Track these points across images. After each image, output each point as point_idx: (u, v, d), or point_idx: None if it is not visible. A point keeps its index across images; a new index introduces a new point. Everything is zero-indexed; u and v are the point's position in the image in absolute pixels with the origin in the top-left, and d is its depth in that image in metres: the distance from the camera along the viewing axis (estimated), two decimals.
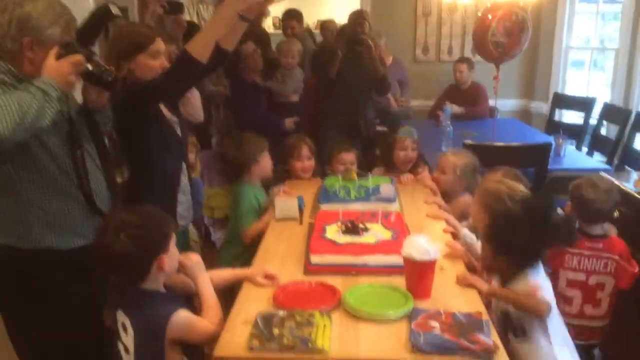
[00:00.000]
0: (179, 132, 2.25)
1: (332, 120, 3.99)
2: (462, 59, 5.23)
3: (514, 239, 1.69)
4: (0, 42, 1.66)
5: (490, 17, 3.52)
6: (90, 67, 1.70)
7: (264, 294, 1.69)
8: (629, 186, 2.64)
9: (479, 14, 3.80)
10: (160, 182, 2.13)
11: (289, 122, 3.79)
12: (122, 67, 2.04)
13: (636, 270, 2.30)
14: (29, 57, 1.69)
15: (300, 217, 2.33)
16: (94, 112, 1.89)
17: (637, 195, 2.54)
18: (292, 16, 4.78)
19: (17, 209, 1.74)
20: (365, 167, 3.90)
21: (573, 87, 5.72)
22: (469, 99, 5.10)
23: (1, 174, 1.70)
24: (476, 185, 2.53)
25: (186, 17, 4.66)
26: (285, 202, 2.37)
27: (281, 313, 1.54)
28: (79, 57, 1.67)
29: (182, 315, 1.54)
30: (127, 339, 1.57)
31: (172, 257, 1.61)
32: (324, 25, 5.76)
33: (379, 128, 4.59)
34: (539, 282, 1.70)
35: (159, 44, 2.10)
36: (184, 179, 2.27)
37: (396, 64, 5.11)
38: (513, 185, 2.06)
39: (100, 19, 1.97)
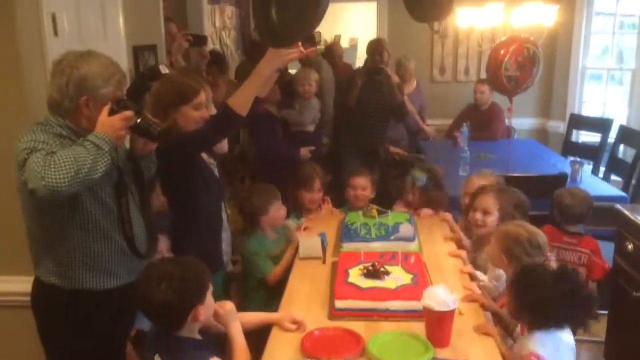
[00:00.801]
0: (216, 173, 2.40)
1: (351, 146, 4.10)
2: (484, 80, 5.26)
3: (534, 301, 1.72)
4: (59, 101, 1.82)
5: (502, 52, 3.62)
6: (139, 121, 1.83)
7: (292, 341, 1.79)
8: None
9: (494, 46, 3.89)
10: (205, 223, 2.28)
11: (304, 151, 3.82)
12: (168, 116, 2.19)
13: (606, 266, 2.90)
14: (85, 114, 1.83)
15: (324, 256, 2.44)
16: (139, 158, 2.03)
17: None
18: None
19: (63, 250, 1.88)
20: (384, 191, 4.02)
21: (590, 104, 5.77)
22: (487, 120, 5.17)
23: (55, 219, 1.83)
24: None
25: (210, 45, 4.82)
26: (308, 241, 2.48)
27: None
28: (129, 114, 1.79)
29: None
30: None
31: (207, 307, 1.72)
32: (330, 49, 5.89)
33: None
34: (539, 354, 1.69)
35: (202, 96, 2.25)
36: (224, 217, 2.43)
37: (418, 88, 5.22)
38: (532, 229, 2.15)
39: (149, 77, 2.13)
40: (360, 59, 7.84)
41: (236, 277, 2.73)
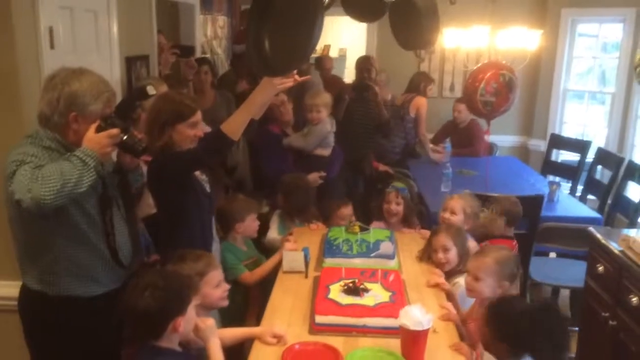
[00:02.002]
0: (207, 188, 2.47)
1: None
2: (461, 99, 5.40)
3: (511, 334, 1.76)
4: (49, 116, 1.90)
5: (479, 77, 3.75)
6: (125, 138, 1.92)
7: (272, 355, 1.87)
8: (613, 245, 2.81)
9: (471, 71, 4.01)
10: (195, 235, 2.35)
11: (313, 177, 3.61)
12: (164, 133, 2.28)
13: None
14: (73, 129, 1.91)
15: (306, 270, 2.52)
16: (126, 171, 2.12)
17: (619, 255, 2.71)
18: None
19: (49, 259, 1.95)
20: (367, 205, 4.10)
21: (571, 125, 5.92)
22: (466, 138, 5.30)
23: (41, 229, 1.91)
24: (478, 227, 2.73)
25: (199, 54, 4.89)
26: (292, 255, 2.56)
27: None
28: (115, 132, 1.87)
29: None
30: None
31: (188, 320, 1.78)
32: (319, 61, 5.98)
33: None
34: None
35: (198, 116, 2.34)
36: (214, 230, 2.53)
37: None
38: (501, 251, 2.25)
39: (137, 97, 2.23)
40: (349, 69, 7.95)
41: None
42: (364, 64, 4.33)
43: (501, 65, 3.84)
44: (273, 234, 3.09)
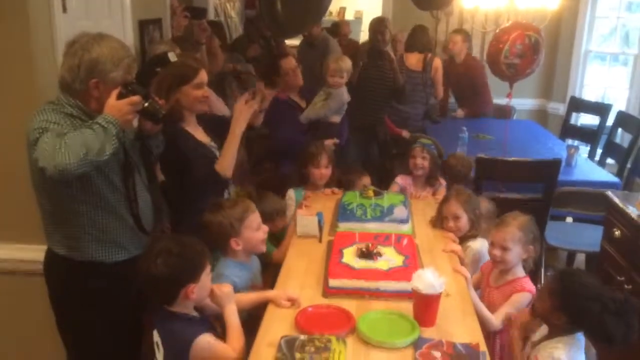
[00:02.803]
0: (217, 153, 2.47)
1: (352, 124, 4.14)
2: (457, 30, 5.24)
3: (584, 311, 1.75)
4: (70, 82, 1.90)
5: (503, 39, 3.63)
6: (146, 105, 1.92)
7: (286, 317, 1.89)
8: (631, 209, 2.78)
9: (496, 32, 3.90)
10: (205, 202, 2.34)
11: (328, 143, 3.46)
12: (170, 97, 2.28)
13: None
14: (95, 96, 1.91)
15: (320, 235, 2.53)
16: (147, 137, 2.12)
17: (636, 219, 2.69)
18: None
19: (74, 225, 1.99)
20: (383, 169, 4.09)
21: (591, 87, 5.79)
22: (465, 75, 5.18)
23: (65, 196, 1.93)
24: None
25: (212, 17, 4.84)
26: (306, 219, 2.56)
27: (302, 337, 1.74)
28: (136, 99, 1.87)
29: (205, 340, 1.74)
30: (159, 356, 1.79)
31: (202, 287, 1.81)
32: (336, 27, 5.89)
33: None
34: None
35: (202, 76, 2.35)
36: (226, 196, 2.55)
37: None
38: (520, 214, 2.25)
39: (158, 63, 2.24)
40: (365, 32, 7.82)
41: None
42: (377, 27, 4.23)
43: (528, 26, 3.71)
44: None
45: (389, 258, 2.19)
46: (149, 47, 3.21)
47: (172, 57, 2.15)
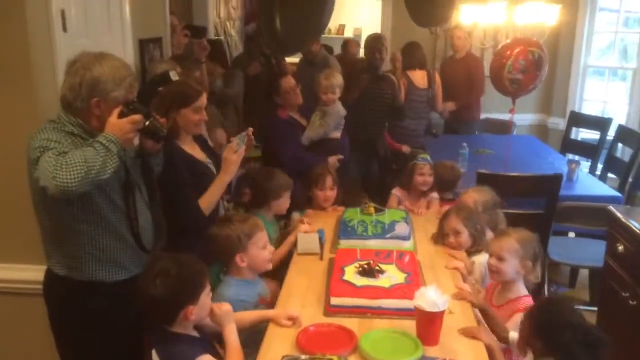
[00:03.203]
0: (214, 170, 2.48)
1: (353, 143, 4.13)
2: (459, 25, 5.18)
3: (557, 338, 1.72)
4: (71, 101, 1.90)
5: (506, 55, 3.65)
6: (147, 123, 1.92)
7: (287, 336, 1.87)
8: (634, 223, 2.76)
9: (498, 48, 3.91)
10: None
11: (332, 160, 3.56)
12: (169, 116, 2.29)
13: None
14: (96, 114, 1.91)
15: (321, 252, 2.51)
16: (148, 155, 2.12)
17: (639, 233, 2.67)
18: None
19: (74, 244, 1.97)
20: (383, 185, 4.08)
21: (591, 102, 5.80)
22: (462, 70, 5.19)
23: (66, 214, 1.92)
24: (498, 222, 2.69)
25: (212, 35, 4.86)
26: (307, 237, 2.55)
27: (303, 357, 1.71)
28: (137, 118, 1.87)
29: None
30: None
31: (201, 307, 1.79)
32: (345, 46, 5.93)
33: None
34: None
35: (203, 100, 2.36)
36: (222, 212, 2.56)
37: None
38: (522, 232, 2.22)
39: (160, 82, 2.26)
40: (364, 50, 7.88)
41: None
42: (374, 44, 4.22)
43: (530, 42, 3.75)
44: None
45: (391, 275, 2.17)
46: (149, 66, 3.22)
47: (173, 75, 2.16)
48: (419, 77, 4.76)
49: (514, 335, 1.95)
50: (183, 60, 3.58)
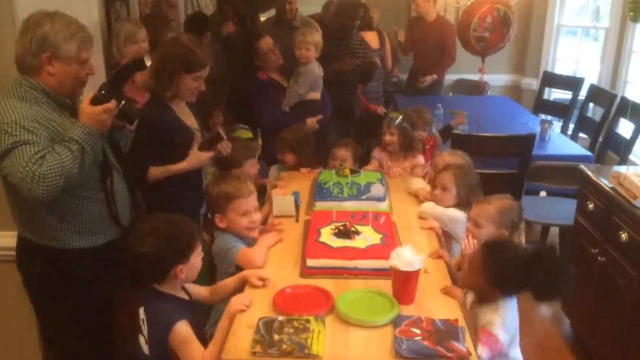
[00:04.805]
0: (199, 136, 2.47)
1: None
2: None
3: (505, 269, 1.76)
4: (22, 57, 1.87)
5: (472, 12, 3.63)
6: (120, 107, 1.93)
7: (264, 298, 1.86)
8: (604, 181, 2.81)
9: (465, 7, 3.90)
10: (184, 186, 2.38)
11: (311, 122, 3.55)
12: (172, 83, 2.33)
13: None
14: (48, 71, 1.88)
15: (297, 214, 2.50)
16: (112, 131, 2.10)
17: (609, 191, 2.71)
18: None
19: (56, 219, 1.98)
20: (361, 145, 4.08)
21: (564, 62, 5.83)
22: (434, 33, 5.17)
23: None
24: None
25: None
26: (282, 199, 2.53)
27: (280, 318, 1.72)
28: (111, 105, 1.88)
29: (184, 330, 1.71)
30: (144, 332, 1.78)
31: (191, 267, 1.81)
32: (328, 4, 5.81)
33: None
34: (494, 332, 1.76)
35: (206, 71, 2.38)
36: (203, 177, 2.59)
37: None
38: (508, 201, 2.22)
39: (134, 68, 2.23)
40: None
41: None
42: (352, 10, 4.11)
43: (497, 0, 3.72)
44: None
45: (367, 236, 2.17)
46: (115, 25, 3.10)
47: (147, 60, 2.13)
48: (371, 38, 4.74)
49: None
50: (151, 19, 3.46)
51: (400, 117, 3.17)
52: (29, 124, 1.80)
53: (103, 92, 1.87)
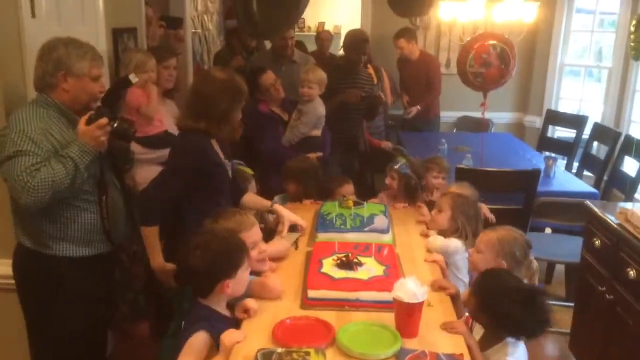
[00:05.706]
0: (230, 174, 2.50)
1: (335, 141, 4.08)
2: (398, 34, 5.23)
3: (496, 307, 1.77)
4: (41, 77, 2.06)
5: (469, 48, 3.67)
6: (115, 125, 2.05)
7: (263, 330, 1.81)
8: (611, 218, 2.77)
9: (464, 43, 3.94)
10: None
11: (311, 157, 3.47)
12: (223, 121, 2.34)
13: None
14: (63, 87, 2.06)
15: (296, 242, 2.47)
16: (116, 156, 2.25)
17: (616, 228, 2.68)
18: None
19: (49, 227, 2.08)
20: (363, 181, 4.06)
21: (567, 100, 5.86)
22: (421, 69, 5.25)
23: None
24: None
25: (192, 29, 4.78)
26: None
27: (279, 350, 1.66)
28: (104, 121, 2.02)
29: (194, 339, 1.69)
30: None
31: (238, 282, 1.82)
32: (318, 37, 5.97)
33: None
34: None
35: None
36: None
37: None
38: (517, 232, 2.19)
39: (121, 86, 2.40)
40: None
41: None
42: (360, 46, 4.16)
43: (494, 36, 3.75)
44: None
45: (370, 268, 2.13)
46: (123, 55, 3.13)
47: (132, 78, 2.30)
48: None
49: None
50: (159, 51, 3.50)
51: (403, 161, 3.14)
52: (35, 136, 1.93)
53: (97, 112, 2.02)
